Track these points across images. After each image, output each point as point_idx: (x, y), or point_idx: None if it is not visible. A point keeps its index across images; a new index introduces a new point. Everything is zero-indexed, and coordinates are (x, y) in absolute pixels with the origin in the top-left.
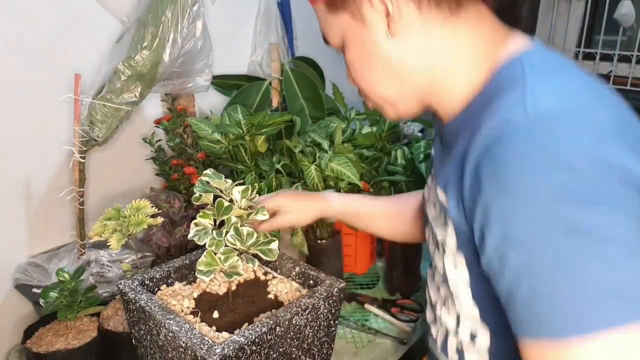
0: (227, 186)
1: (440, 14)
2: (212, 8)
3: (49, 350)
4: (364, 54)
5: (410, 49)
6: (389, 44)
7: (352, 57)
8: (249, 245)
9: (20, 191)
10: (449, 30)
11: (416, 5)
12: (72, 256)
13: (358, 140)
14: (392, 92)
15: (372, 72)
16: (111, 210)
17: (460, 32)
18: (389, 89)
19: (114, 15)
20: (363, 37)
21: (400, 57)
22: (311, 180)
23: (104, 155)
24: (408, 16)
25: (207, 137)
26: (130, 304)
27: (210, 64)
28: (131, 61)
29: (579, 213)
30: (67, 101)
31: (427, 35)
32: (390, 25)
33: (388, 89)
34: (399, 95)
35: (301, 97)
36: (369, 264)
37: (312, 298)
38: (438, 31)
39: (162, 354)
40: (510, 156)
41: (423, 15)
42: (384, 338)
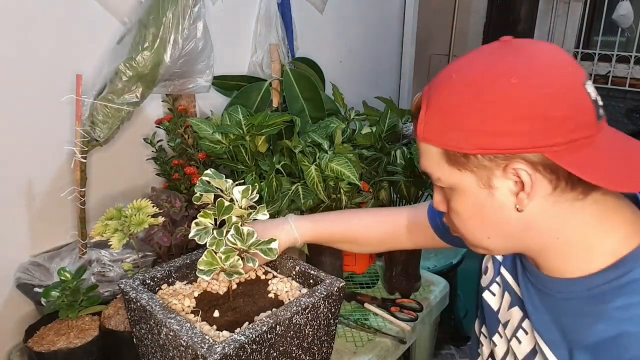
0: (228, 186)
1: (572, 195)
2: (213, 9)
3: (50, 350)
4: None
5: (534, 220)
6: (513, 213)
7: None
8: (249, 245)
9: (22, 191)
10: (577, 208)
11: (552, 185)
12: (73, 256)
13: (358, 141)
14: (498, 245)
15: (484, 229)
16: (112, 210)
17: (587, 211)
18: (496, 244)
19: (115, 16)
20: (483, 200)
21: (522, 224)
22: (311, 180)
23: (105, 155)
24: (540, 193)
25: (207, 137)
26: (132, 303)
27: (210, 64)
28: (132, 62)
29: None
30: (69, 102)
31: (556, 211)
32: (521, 201)
33: (495, 243)
34: (502, 248)
35: (301, 97)
36: (368, 263)
37: (312, 297)
38: (566, 209)
39: (163, 353)
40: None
41: (555, 194)
42: (383, 337)
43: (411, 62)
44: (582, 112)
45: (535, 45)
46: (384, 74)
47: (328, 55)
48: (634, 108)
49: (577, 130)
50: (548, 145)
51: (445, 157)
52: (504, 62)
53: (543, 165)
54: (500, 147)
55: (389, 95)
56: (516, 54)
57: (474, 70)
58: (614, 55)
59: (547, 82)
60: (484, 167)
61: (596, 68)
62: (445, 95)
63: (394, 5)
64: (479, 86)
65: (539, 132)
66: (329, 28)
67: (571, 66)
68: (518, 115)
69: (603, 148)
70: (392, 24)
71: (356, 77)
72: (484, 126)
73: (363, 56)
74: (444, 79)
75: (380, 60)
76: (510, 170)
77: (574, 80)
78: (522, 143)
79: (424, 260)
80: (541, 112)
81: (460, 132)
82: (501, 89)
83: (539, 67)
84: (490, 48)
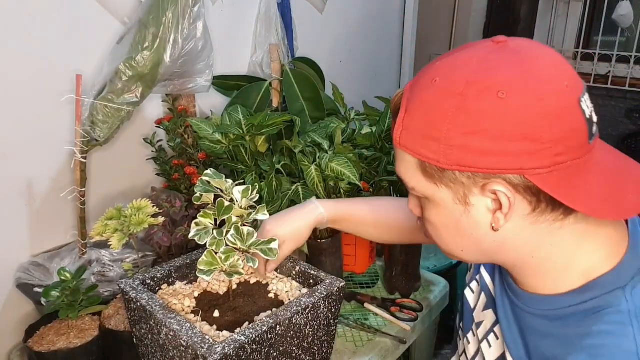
0: (228, 186)
1: (552, 216)
2: (213, 9)
3: (50, 350)
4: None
5: (509, 238)
6: (488, 231)
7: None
8: (249, 245)
9: (22, 191)
10: (555, 229)
11: (532, 207)
12: (73, 256)
13: (358, 141)
14: (472, 257)
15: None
16: (112, 210)
17: (566, 230)
18: (470, 256)
19: (115, 16)
20: (459, 216)
21: (497, 242)
22: (311, 180)
23: (105, 155)
24: (519, 213)
25: (207, 137)
26: (132, 303)
27: (210, 64)
28: (132, 62)
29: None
30: (69, 102)
31: (533, 231)
32: (497, 221)
33: (469, 256)
34: (475, 260)
35: (301, 97)
36: (368, 263)
37: (312, 297)
38: (544, 229)
39: (163, 353)
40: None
41: (534, 214)
42: (383, 337)
43: (411, 62)
44: (574, 134)
45: (534, 53)
46: (384, 74)
47: (328, 55)
48: (634, 108)
49: (565, 153)
50: (533, 168)
51: (421, 168)
52: (494, 71)
53: (524, 187)
54: (481, 167)
55: (389, 95)
56: (510, 62)
57: (460, 76)
58: (614, 55)
59: (541, 100)
60: (461, 184)
61: (596, 68)
62: (427, 102)
63: (394, 5)
64: (464, 97)
65: (524, 154)
66: (329, 28)
67: (569, 79)
68: (503, 134)
69: (590, 170)
70: (392, 24)
71: (356, 77)
72: (465, 142)
73: (363, 56)
74: (427, 82)
75: (380, 60)
76: (489, 190)
77: (570, 98)
78: (504, 164)
79: (424, 260)
80: (528, 133)
81: (438, 145)
82: (488, 103)
83: (533, 80)
84: (482, 50)
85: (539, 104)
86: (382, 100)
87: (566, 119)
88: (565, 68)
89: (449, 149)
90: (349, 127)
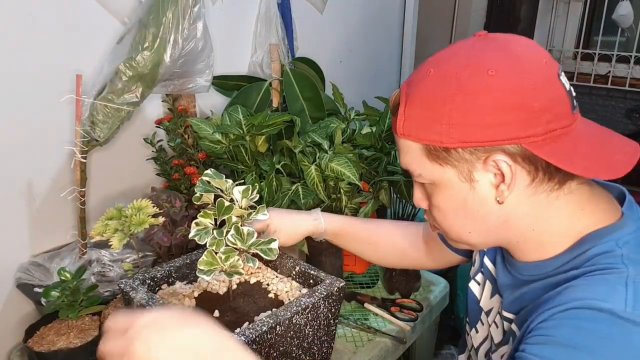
0: (228, 186)
1: (549, 186)
2: (213, 9)
3: (50, 350)
4: (463, 207)
5: (513, 212)
6: (494, 205)
7: (446, 206)
8: (249, 245)
9: (22, 191)
10: (553, 198)
11: (530, 177)
12: (73, 256)
13: (358, 141)
14: (479, 240)
15: (465, 224)
16: (112, 210)
17: (562, 200)
18: (477, 238)
19: (115, 16)
20: (465, 194)
21: (502, 217)
22: (311, 180)
23: (105, 155)
24: (519, 185)
25: (207, 137)
26: (132, 303)
27: (210, 64)
28: (132, 62)
29: None
30: (69, 101)
31: (533, 202)
32: (502, 193)
33: (476, 238)
34: (483, 242)
35: (301, 97)
36: (368, 263)
37: (312, 297)
38: (543, 199)
39: None
40: (591, 326)
41: (533, 185)
42: (383, 337)
43: (411, 62)
44: (559, 103)
45: (511, 39)
46: (384, 74)
47: (328, 55)
48: (634, 108)
49: (554, 120)
50: (527, 136)
51: (426, 152)
52: (482, 56)
53: (522, 157)
54: (481, 140)
55: (389, 95)
56: (493, 48)
57: (452, 64)
58: (614, 55)
59: (525, 73)
60: (465, 161)
61: (596, 68)
62: (425, 91)
63: (394, 5)
64: (458, 79)
65: (518, 123)
66: (329, 28)
67: (546, 58)
68: (498, 107)
69: (579, 137)
70: (392, 24)
71: (356, 77)
72: (465, 119)
73: (363, 56)
74: (422, 75)
75: (380, 60)
76: (491, 162)
77: (550, 72)
78: (501, 135)
79: None
80: (520, 103)
81: (440, 126)
82: (481, 82)
83: (516, 59)
84: (466, 43)
85: (525, 76)
86: (382, 100)
87: (550, 89)
88: (541, 50)
89: (450, 129)
90: (349, 127)
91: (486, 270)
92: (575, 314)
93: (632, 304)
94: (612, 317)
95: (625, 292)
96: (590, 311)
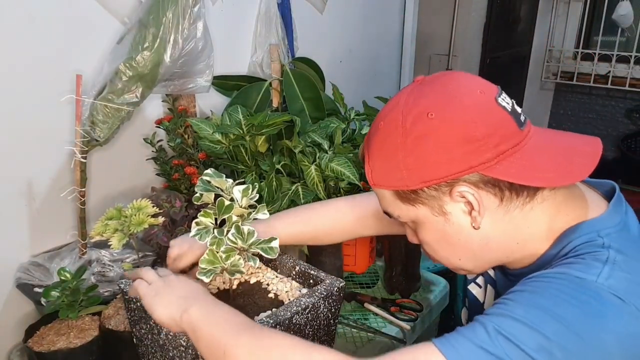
0: (228, 185)
1: (519, 200)
2: (213, 9)
3: (50, 350)
4: (444, 238)
5: (492, 233)
6: (471, 231)
7: (430, 240)
8: (250, 244)
9: (22, 191)
10: (527, 210)
11: (498, 198)
12: (73, 256)
13: (358, 141)
14: (471, 265)
15: (453, 252)
16: (112, 210)
17: (537, 209)
18: (469, 263)
19: (115, 16)
20: (443, 226)
21: (483, 240)
22: (311, 180)
23: (105, 155)
24: (489, 207)
25: (207, 137)
26: (132, 303)
27: (210, 64)
28: (132, 62)
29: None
30: (69, 102)
31: (509, 219)
32: (475, 219)
33: (468, 262)
34: (476, 266)
35: (301, 97)
36: (368, 263)
37: (312, 297)
38: (518, 213)
39: (163, 353)
40: (564, 285)
41: (503, 204)
42: (383, 337)
43: (411, 62)
44: (502, 125)
45: (445, 78)
46: (384, 74)
47: (328, 55)
48: (634, 108)
49: (502, 143)
50: (480, 163)
51: (398, 196)
52: (420, 101)
53: (483, 182)
54: (439, 177)
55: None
56: (429, 91)
57: (396, 114)
58: (614, 55)
59: (461, 109)
60: (432, 198)
61: (596, 68)
62: (379, 143)
63: (394, 5)
64: (404, 128)
65: (467, 154)
66: (329, 28)
67: (481, 87)
68: (444, 145)
69: (533, 151)
70: (392, 24)
71: (356, 77)
72: (418, 162)
73: (363, 56)
74: (375, 129)
75: (380, 60)
76: (456, 194)
77: (485, 99)
78: (456, 168)
79: (424, 260)
80: (463, 136)
81: (401, 172)
82: (423, 125)
83: (451, 98)
84: (407, 91)
85: (462, 112)
86: (382, 100)
87: (489, 115)
88: (475, 80)
89: (409, 173)
90: (349, 127)
91: (487, 276)
92: (547, 274)
93: (604, 278)
94: (582, 281)
95: (601, 268)
96: (562, 274)
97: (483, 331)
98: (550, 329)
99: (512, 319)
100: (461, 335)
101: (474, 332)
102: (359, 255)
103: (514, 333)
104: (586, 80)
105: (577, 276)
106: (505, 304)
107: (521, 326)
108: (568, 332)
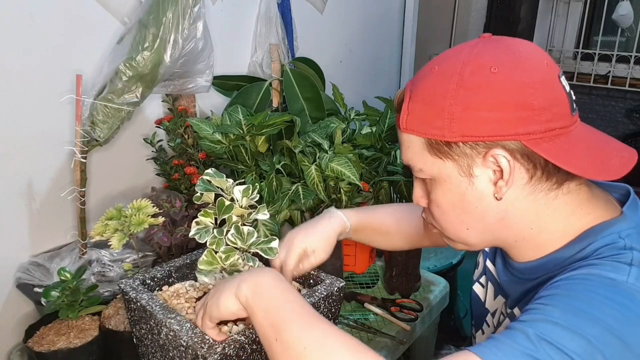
0: (228, 185)
1: (547, 185)
2: (213, 9)
3: (50, 350)
4: (462, 203)
5: (510, 209)
6: (492, 202)
7: (444, 202)
8: (249, 244)
9: (22, 191)
10: (551, 197)
11: (529, 174)
12: (73, 256)
13: (358, 141)
14: (476, 238)
15: (463, 220)
16: (112, 210)
17: (560, 200)
18: (474, 236)
19: (115, 16)
20: (464, 189)
21: (500, 214)
22: (311, 180)
23: (105, 155)
24: (517, 182)
25: (207, 137)
26: (132, 303)
27: (210, 64)
28: (132, 62)
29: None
30: (69, 102)
31: (532, 200)
32: (500, 189)
33: (474, 235)
34: (480, 241)
35: (301, 97)
36: (368, 263)
37: (312, 297)
38: (541, 198)
39: (163, 353)
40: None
41: (531, 183)
42: (383, 337)
43: (411, 62)
44: (558, 103)
45: (514, 41)
46: (384, 74)
47: (328, 55)
48: (634, 108)
49: (553, 120)
50: (526, 133)
51: (428, 146)
52: (485, 54)
53: (521, 153)
54: (481, 134)
55: (389, 95)
56: (496, 47)
57: (455, 61)
58: (614, 55)
59: (527, 72)
60: (465, 155)
61: (596, 68)
62: (428, 86)
63: (394, 5)
64: (461, 76)
65: (517, 120)
66: (329, 28)
67: (547, 60)
68: (498, 103)
69: (577, 139)
70: (392, 24)
71: (356, 77)
72: (465, 114)
73: (363, 56)
74: (426, 72)
75: (380, 60)
76: (490, 158)
77: (550, 73)
78: (501, 130)
79: (424, 260)
80: (520, 101)
81: (442, 121)
82: (483, 78)
83: (518, 59)
84: (471, 43)
85: (526, 75)
86: (382, 100)
87: (550, 89)
88: (542, 52)
89: (452, 123)
90: (349, 127)
91: (488, 272)
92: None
93: (634, 278)
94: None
95: (629, 269)
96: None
97: (524, 337)
98: (591, 332)
99: (552, 324)
100: (501, 343)
101: (514, 338)
102: (359, 255)
103: (556, 338)
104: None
105: (609, 277)
106: (539, 309)
107: (562, 330)
108: (609, 335)
